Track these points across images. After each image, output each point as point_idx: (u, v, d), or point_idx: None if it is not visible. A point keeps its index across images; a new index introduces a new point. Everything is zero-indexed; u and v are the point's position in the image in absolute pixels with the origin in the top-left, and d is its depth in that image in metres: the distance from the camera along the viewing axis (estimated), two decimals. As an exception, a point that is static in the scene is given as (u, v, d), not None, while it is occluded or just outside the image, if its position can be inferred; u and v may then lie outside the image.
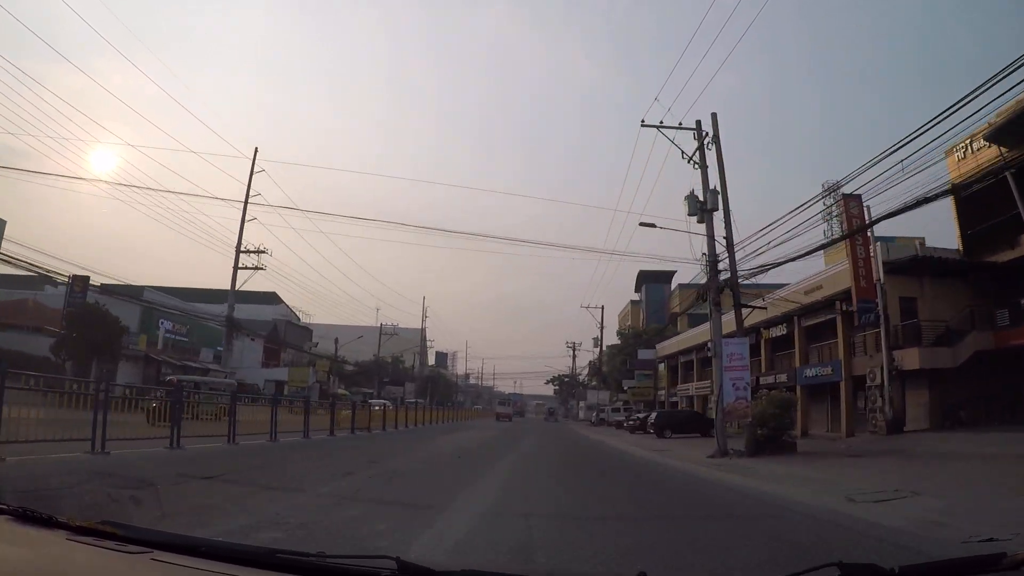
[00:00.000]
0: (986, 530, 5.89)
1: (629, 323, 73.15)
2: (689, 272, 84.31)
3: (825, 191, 31.28)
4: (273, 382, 44.94)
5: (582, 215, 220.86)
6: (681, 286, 57.04)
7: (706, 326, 29.37)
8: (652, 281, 67.92)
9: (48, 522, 1.99)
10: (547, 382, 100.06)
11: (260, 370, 48.05)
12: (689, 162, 18.94)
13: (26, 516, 2.02)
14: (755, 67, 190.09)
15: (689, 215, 18.81)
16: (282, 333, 57.03)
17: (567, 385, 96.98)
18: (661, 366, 53.31)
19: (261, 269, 31.69)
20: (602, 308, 62.33)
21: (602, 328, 61.43)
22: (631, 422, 38.66)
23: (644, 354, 53.68)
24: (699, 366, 42.44)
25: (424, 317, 78.06)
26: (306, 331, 65.81)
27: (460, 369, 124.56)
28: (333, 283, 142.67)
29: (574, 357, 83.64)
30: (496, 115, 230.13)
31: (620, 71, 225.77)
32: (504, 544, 5.55)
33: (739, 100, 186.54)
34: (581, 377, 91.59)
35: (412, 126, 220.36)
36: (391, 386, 70.45)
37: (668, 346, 50.18)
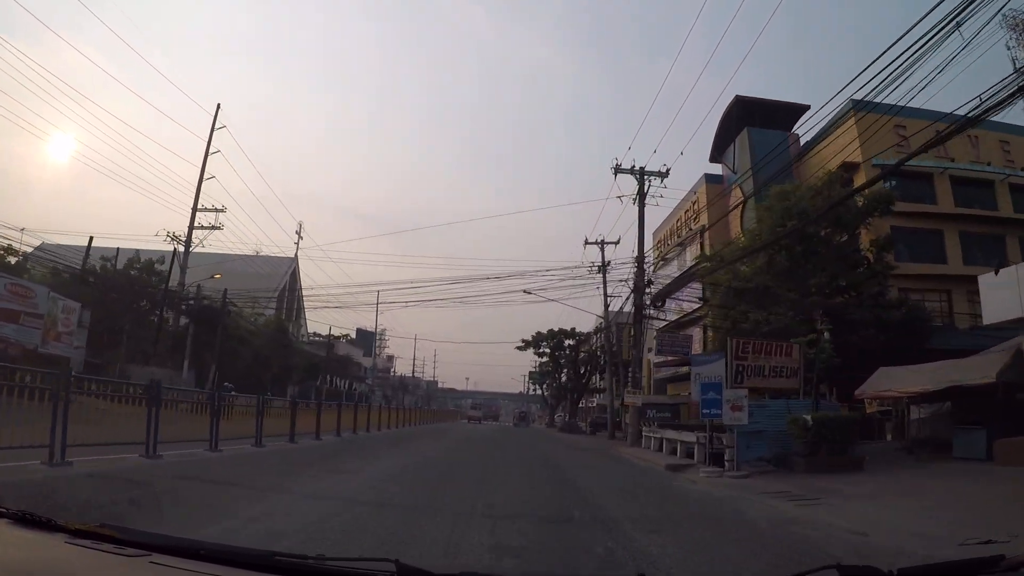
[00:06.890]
0: None
1: (699, 223, 37.51)
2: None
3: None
4: None
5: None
6: (860, 104, 19.06)
7: None
8: (761, 123, 33.37)
9: (47, 525, 1.98)
10: (520, 346, 57.39)
11: None
12: None
13: (25, 519, 2.01)
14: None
15: None
16: None
17: (561, 352, 55.03)
18: None
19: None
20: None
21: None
22: None
23: None
24: None
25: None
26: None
27: (413, 364, 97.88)
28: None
29: (604, 266, 34.64)
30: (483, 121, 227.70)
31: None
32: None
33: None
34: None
35: (396, 128, 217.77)
36: None
37: None
